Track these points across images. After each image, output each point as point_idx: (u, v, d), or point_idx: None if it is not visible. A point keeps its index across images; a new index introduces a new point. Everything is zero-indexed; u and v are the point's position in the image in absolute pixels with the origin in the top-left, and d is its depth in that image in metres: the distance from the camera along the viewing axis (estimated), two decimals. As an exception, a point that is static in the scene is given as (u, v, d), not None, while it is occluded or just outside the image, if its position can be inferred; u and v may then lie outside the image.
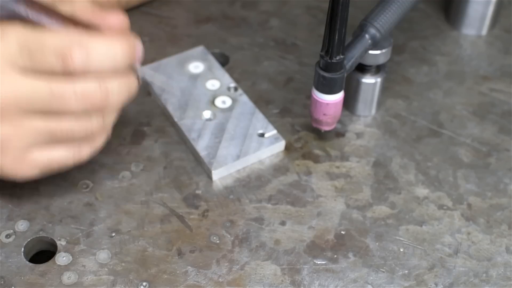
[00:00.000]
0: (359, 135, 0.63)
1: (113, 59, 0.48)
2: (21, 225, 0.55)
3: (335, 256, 0.54)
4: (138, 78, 0.51)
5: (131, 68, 0.50)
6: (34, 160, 0.50)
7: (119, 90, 0.49)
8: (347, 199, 0.58)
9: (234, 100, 0.63)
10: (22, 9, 0.47)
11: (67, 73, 0.47)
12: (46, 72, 0.47)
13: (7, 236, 0.54)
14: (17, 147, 0.49)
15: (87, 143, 0.52)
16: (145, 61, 0.67)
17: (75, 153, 0.52)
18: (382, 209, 0.57)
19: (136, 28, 0.71)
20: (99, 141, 0.52)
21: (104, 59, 0.48)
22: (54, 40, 0.47)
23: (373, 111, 0.64)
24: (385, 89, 0.64)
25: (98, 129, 0.51)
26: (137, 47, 0.50)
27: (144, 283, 0.52)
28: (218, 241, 0.55)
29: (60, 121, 0.49)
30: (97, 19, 0.50)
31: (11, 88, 0.47)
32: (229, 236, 0.55)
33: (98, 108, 0.49)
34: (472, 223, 0.56)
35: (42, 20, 0.48)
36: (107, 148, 0.60)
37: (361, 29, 0.58)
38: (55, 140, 0.50)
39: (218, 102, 0.63)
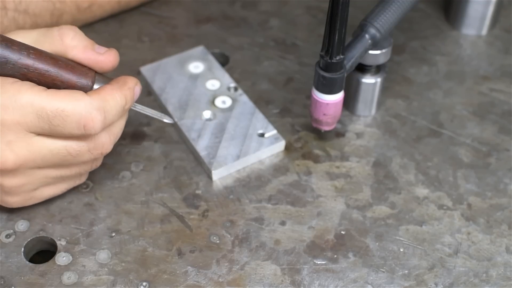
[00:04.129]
0: (359, 135, 0.63)
1: (122, 110, 0.52)
2: (21, 225, 0.55)
3: (335, 256, 0.54)
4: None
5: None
6: (41, 195, 0.54)
7: (120, 130, 0.53)
8: (347, 199, 0.58)
9: (234, 100, 0.63)
10: (23, 58, 0.49)
11: (86, 136, 0.50)
12: (64, 136, 0.50)
13: (7, 236, 0.54)
14: (27, 190, 0.52)
15: (88, 172, 0.56)
16: (145, 61, 0.67)
17: (76, 181, 0.55)
18: (382, 209, 0.57)
19: (136, 28, 0.72)
20: (97, 167, 0.55)
21: (116, 113, 0.51)
22: (74, 109, 0.48)
23: (373, 111, 0.64)
24: (385, 89, 0.64)
25: (100, 162, 0.55)
26: (137, 90, 0.54)
27: (144, 283, 0.52)
28: (218, 241, 0.55)
29: (70, 168, 0.52)
30: (90, 59, 0.52)
31: (28, 149, 0.49)
32: (229, 236, 0.55)
33: (106, 153, 0.53)
34: (472, 223, 0.56)
35: (40, 68, 0.49)
36: (107, 148, 0.60)
37: (361, 29, 0.58)
38: (63, 179, 0.53)
39: (218, 102, 0.63)
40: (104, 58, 0.52)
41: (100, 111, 0.49)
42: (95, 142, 0.51)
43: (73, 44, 0.51)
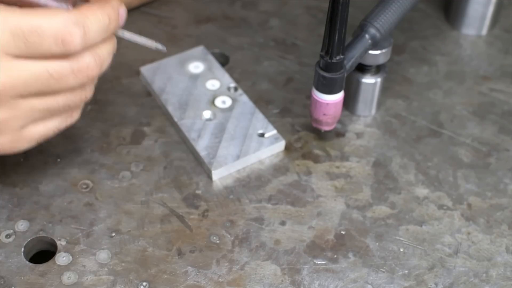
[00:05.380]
0: (359, 135, 0.63)
1: (105, 29, 0.48)
2: (21, 225, 0.55)
3: (335, 256, 0.54)
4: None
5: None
6: (31, 135, 0.50)
7: (108, 55, 0.50)
8: (347, 199, 0.58)
9: (234, 100, 0.63)
10: None
11: (66, 54, 0.47)
12: (43, 56, 0.47)
13: (7, 236, 0.54)
14: (14, 127, 0.49)
15: (79, 107, 0.52)
16: (145, 61, 0.67)
17: (67, 118, 0.52)
18: (382, 209, 0.57)
19: (136, 28, 0.71)
20: (87, 99, 0.52)
21: (98, 32, 0.48)
22: (51, 24, 0.46)
23: (373, 111, 0.64)
24: (385, 89, 0.64)
25: (90, 93, 0.51)
26: (122, 12, 0.50)
27: (144, 283, 0.52)
28: (218, 241, 0.55)
29: (56, 97, 0.49)
30: None
31: (6, 74, 0.46)
32: (229, 236, 0.55)
33: (93, 78, 0.50)
34: (472, 223, 0.56)
35: None
36: (107, 148, 0.60)
37: (361, 29, 0.58)
38: (51, 114, 0.50)
39: (218, 102, 0.63)
40: None
41: (79, 25, 0.46)
42: (78, 63, 0.48)
43: None
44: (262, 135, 0.61)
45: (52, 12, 0.46)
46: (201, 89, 0.64)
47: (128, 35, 0.52)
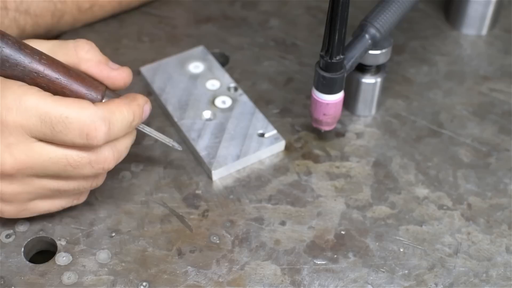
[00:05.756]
0: (359, 135, 0.63)
1: (128, 125, 0.51)
2: (21, 225, 0.55)
3: (335, 256, 0.54)
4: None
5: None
6: (36, 208, 0.52)
7: (126, 149, 0.52)
8: (347, 199, 0.58)
9: (234, 100, 0.63)
10: (34, 63, 0.48)
11: (88, 146, 0.49)
12: (65, 144, 0.48)
13: (7, 236, 0.54)
14: (23, 199, 0.51)
15: (88, 192, 0.55)
16: (145, 61, 0.67)
17: (74, 200, 0.54)
18: (382, 209, 0.57)
19: (136, 28, 0.72)
20: (97, 186, 0.54)
21: (121, 128, 0.50)
22: (78, 117, 0.47)
23: (373, 111, 0.64)
24: (385, 89, 0.64)
25: (101, 181, 0.53)
26: (146, 108, 0.53)
27: (144, 283, 0.52)
28: (218, 241, 0.55)
29: (69, 182, 0.51)
30: (103, 73, 0.51)
31: (27, 154, 0.48)
32: (229, 236, 0.55)
33: (108, 170, 0.51)
34: (472, 223, 0.56)
35: (50, 75, 0.48)
36: (107, 148, 0.60)
37: (361, 29, 0.58)
38: (60, 194, 0.52)
39: (218, 102, 0.63)
40: (117, 74, 0.52)
41: (105, 121, 0.48)
42: (97, 155, 0.49)
43: (87, 57, 0.51)
44: (262, 135, 0.61)
45: (82, 105, 0.48)
46: (201, 89, 0.64)
47: (148, 129, 0.55)
